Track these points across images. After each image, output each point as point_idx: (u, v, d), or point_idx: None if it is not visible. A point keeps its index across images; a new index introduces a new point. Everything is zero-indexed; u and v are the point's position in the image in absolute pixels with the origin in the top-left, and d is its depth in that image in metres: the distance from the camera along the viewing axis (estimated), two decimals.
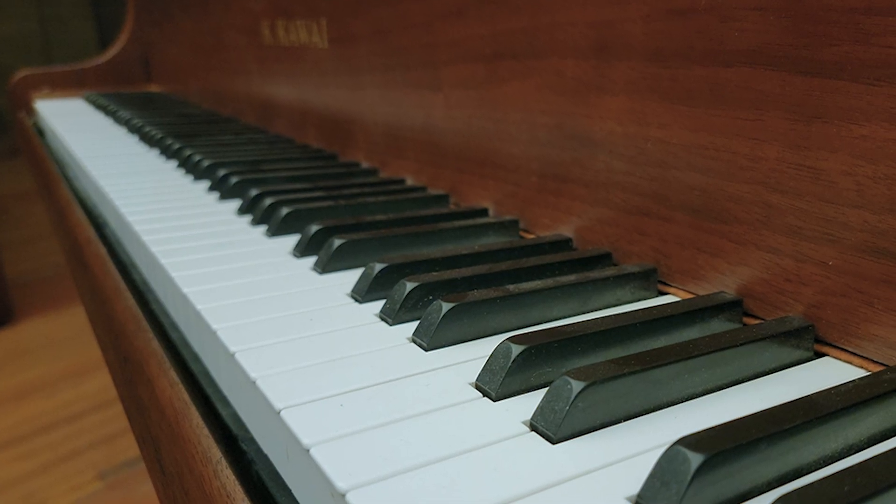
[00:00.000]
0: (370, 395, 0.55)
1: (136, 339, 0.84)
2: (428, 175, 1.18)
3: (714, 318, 0.67)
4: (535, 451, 0.48)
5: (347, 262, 0.84)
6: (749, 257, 0.68)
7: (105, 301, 1.01)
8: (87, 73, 3.09)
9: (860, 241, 0.59)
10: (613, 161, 0.81)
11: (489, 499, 0.43)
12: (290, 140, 1.71)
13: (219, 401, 0.70)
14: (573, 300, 0.72)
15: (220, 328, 0.68)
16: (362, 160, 1.41)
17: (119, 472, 2.43)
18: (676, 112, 0.73)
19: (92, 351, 3.07)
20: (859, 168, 0.58)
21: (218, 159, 1.41)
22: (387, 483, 0.45)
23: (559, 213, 0.90)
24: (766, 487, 0.44)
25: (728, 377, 0.57)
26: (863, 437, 0.49)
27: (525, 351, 0.56)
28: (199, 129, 1.88)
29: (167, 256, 0.89)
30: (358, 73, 1.36)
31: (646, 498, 0.42)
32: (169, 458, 0.69)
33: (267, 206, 1.05)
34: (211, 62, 2.27)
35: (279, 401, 0.55)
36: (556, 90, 0.88)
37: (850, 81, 0.58)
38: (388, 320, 0.69)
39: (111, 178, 1.38)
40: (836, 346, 0.62)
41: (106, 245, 1.20)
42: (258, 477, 0.59)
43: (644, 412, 0.53)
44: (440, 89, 1.10)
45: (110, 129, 2.08)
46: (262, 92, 1.88)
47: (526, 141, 0.94)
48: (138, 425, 0.84)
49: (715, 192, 0.70)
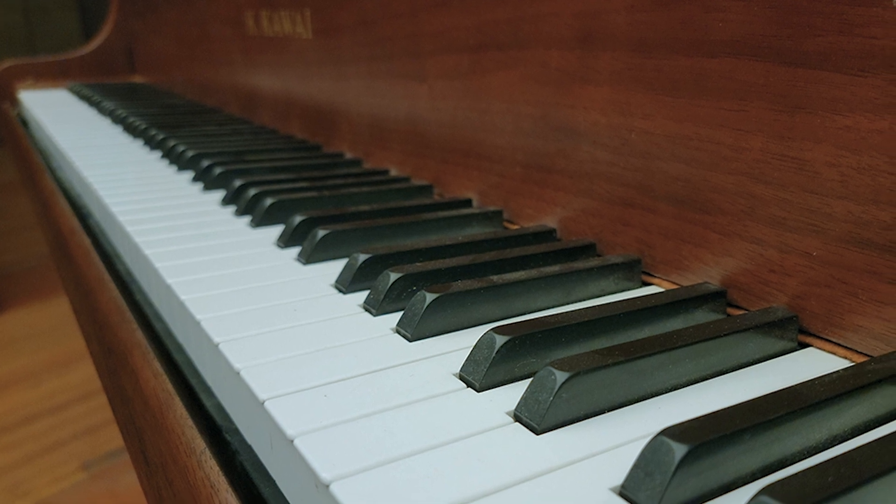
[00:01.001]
0: (354, 386, 0.55)
1: (120, 329, 0.84)
2: (412, 166, 1.18)
3: (698, 309, 0.67)
4: (518, 441, 0.48)
5: (331, 252, 0.84)
6: (733, 248, 0.68)
7: (89, 292, 1.01)
8: (71, 63, 3.08)
9: (844, 231, 0.59)
10: (597, 152, 0.81)
11: (473, 489, 0.43)
12: (275, 131, 1.70)
13: (203, 391, 0.70)
14: (557, 291, 0.71)
15: (203, 319, 0.68)
16: (346, 151, 1.41)
17: (103, 462, 2.42)
18: (660, 102, 0.73)
19: (76, 342, 3.07)
20: (843, 159, 0.58)
21: (202, 150, 1.41)
22: (371, 473, 0.44)
23: (543, 203, 0.90)
24: (751, 478, 0.44)
25: (712, 368, 0.57)
26: (847, 427, 0.49)
27: (509, 341, 0.56)
28: (183, 120, 1.87)
29: (151, 247, 0.89)
30: (342, 63, 1.35)
31: (630, 488, 0.42)
32: (153, 448, 0.69)
33: (251, 196, 1.04)
34: (195, 53, 2.27)
35: (263, 391, 0.54)
36: (540, 81, 0.87)
37: (834, 72, 0.58)
38: (371, 311, 0.69)
39: (95, 168, 1.38)
40: (820, 337, 0.62)
41: (90, 236, 1.20)
42: (242, 467, 0.59)
43: (628, 403, 0.53)
44: (425, 80, 1.10)
45: (94, 119, 2.08)
46: (247, 82, 1.88)
47: (510, 132, 0.94)
48: (122, 416, 0.83)
49: (699, 182, 0.70)
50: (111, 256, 1.10)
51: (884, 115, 0.55)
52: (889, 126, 0.55)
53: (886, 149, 0.55)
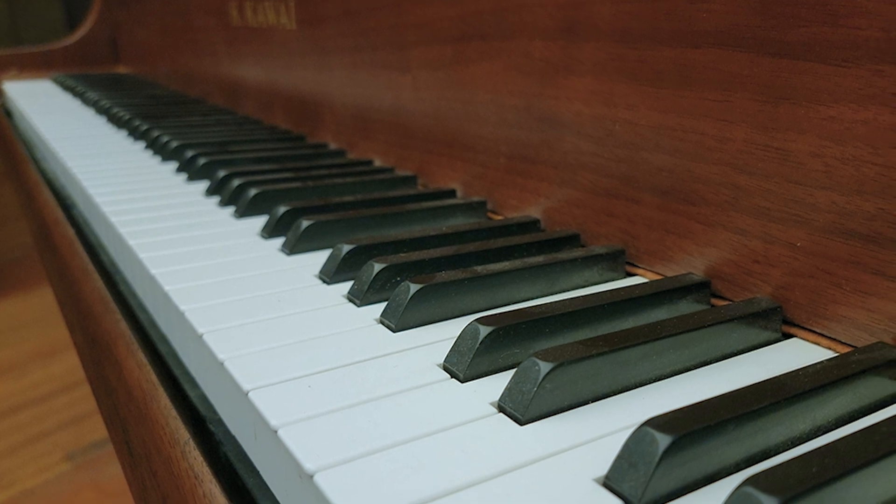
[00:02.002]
0: (338, 377, 0.55)
1: (104, 320, 0.84)
2: (396, 156, 1.18)
3: (682, 300, 0.67)
4: (502, 432, 0.48)
5: (315, 243, 0.84)
6: (717, 239, 0.68)
7: (73, 282, 1.00)
8: (55, 54, 3.07)
9: (828, 222, 0.59)
10: (581, 142, 0.81)
11: (457, 480, 0.43)
12: (259, 121, 1.70)
13: (187, 382, 0.70)
14: (541, 281, 0.71)
15: (187, 309, 0.68)
16: (330, 141, 1.40)
17: (87, 453, 2.42)
18: (644, 93, 0.73)
19: (60, 332, 3.06)
20: (827, 149, 0.58)
21: (186, 140, 1.41)
22: (355, 464, 0.44)
23: (527, 194, 0.90)
24: (734, 469, 0.44)
25: (696, 358, 0.57)
26: (830, 418, 0.49)
27: (493, 332, 0.56)
28: (167, 111, 1.87)
29: (135, 238, 0.88)
30: (326, 54, 1.35)
31: (613, 479, 0.42)
32: (137, 439, 0.69)
33: (235, 187, 1.04)
34: (179, 43, 2.26)
35: (247, 382, 0.54)
36: (523, 71, 0.87)
37: (819, 63, 0.58)
38: (355, 301, 0.69)
39: (79, 159, 1.37)
40: (803, 328, 0.62)
41: (74, 226, 1.20)
42: (226, 458, 0.59)
43: (612, 393, 0.53)
44: (408, 70, 1.10)
45: (78, 110, 2.07)
46: (231, 73, 1.87)
47: (494, 122, 0.93)
48: (106, 407, 0.83)
49: (683, 173, 0.70)
50: (95, 247, 1.10)
51: (868, 106, 0.55)
52: (873, 116, 0.55)
53: (870, 139, 0.55)
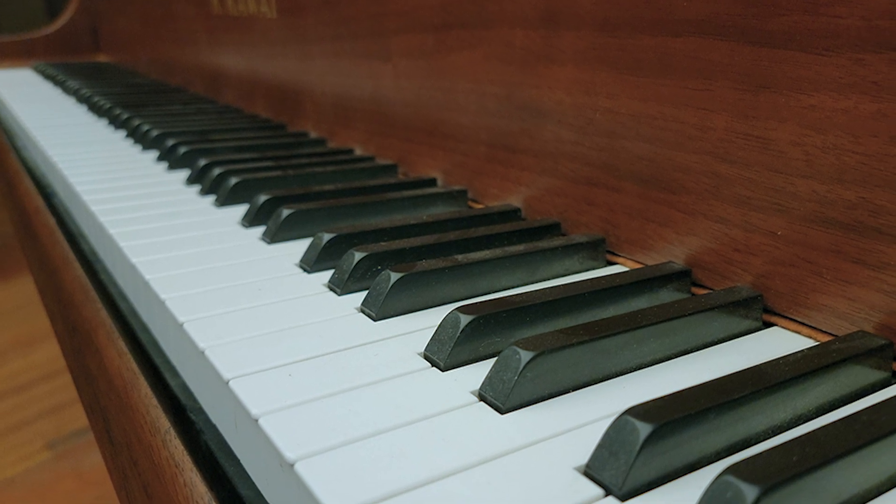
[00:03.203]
0: (319, 366, 0.55)
1: (85, 309, 0.84)
2: (376, 145, 1.17)
3: (663, 288, 0.67)
4: (483, 420, 0.48)
5: (296, 231, 0.84)
6: (698, 227, 0.68)
7: (54, 271, 1.00)
8: (36, 43, 3.06)
9: (809, 211, 0.59)
10: (562, 131, 0.81)
11: (437, 468, 0.43)
12: (239, 110, 1.70)
13: (167, 371, 0.70)
14: (522, 270, 0.71)
15: (168, 298, 0.68)
16: (311, 130, 1.40)
17: (67, 441, 2.41)
18: (625, 82, 0.73)
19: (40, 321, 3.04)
20: (808, 138, 0.58)
21: (166, 129, 1.41)
22: (335, 453, 0.44)
23: (508, 183, 0.90)
24: (715, 457, 0.44)
25: (677, 347, 0.57)
26: (811, 406, 0.49)
27: (473, 321, 0.56)
28: (148, 99, 1.86)
29: (116, 226, 0.88)
30: (307, 43, 1.35)
31: (594, 468, 0.42)
32: (117, 427, 0.69)
33: (215, 175, 1.04)
34: (160, 32, 2.25)
35: (228, 371, 0.54)
36: (504, 60, 0.87)
37: (799, 51, 0.58)
38: (336, 290, 0.69)
39: (60, 147, 1.37)
40: (784, 316, 0.62)
41: (55, 215, 1.20)
42: (206, 447, 0.58)
43: (592, 382, 0.53)
44: (389, 59, 1.09)
45: (59, 99, 2.07)
46: (211, 62, 1.87)
47: (475, 111, 0.93)
48: (87, 395, 0.83)
49: (663, 162, 0.70)
50: (76, 236, 1.09)
51: (848, 95, 0.55)
52: (854, 105, 0.55)
53: (851, 128, 0.55)
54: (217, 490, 0.54)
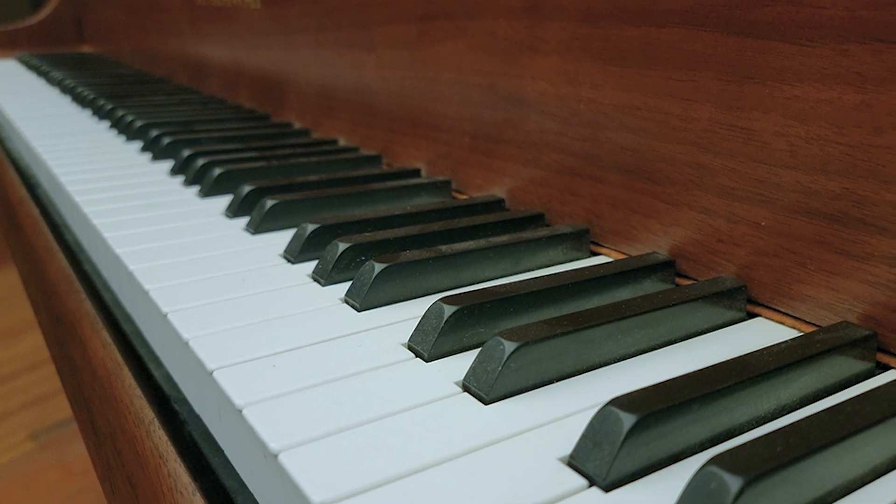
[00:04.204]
0: (302, 356, 0.55)
1: (69, 299, 0.84)
2: (360, 136, 1.17)
3: (646, 279, 0.67)
4: (467, 411, 0.48)
5: (280, 222, 0.84)
6: (681, 218, 0.68)
7: (37, 262, 1.00)
8: (20, 33, 3.05)
9: (793, 201, 0.59)
10: (546, 121, 0.81)
11: (421, 459, 0.43)
12: (223, 101, 1.70)
13: (151, 361, 0.70)
14: (505, 261, 0.71)
15: (152, 289, 0.68)
16: (295, 121, 1.40)
17: (51, 432, 2.41)
18: (609, 72, 0.73)
19: (24, 312, 3.03)
20: (791, 128, 0.58)
21: (150, 120, 1.40)
22: (319, 443, 0.44)
23: (492, 173, 0.90)
24: (699, 448, 0.44)
25: (661, 338, 0.57)
26: (795, 397, 0.49)
27: (457, 311, 0.56)
28: (132, 90, 1.86)
29: (100, 217, 0.88)
30: (290, 33, 1.34)
31: (578, 458, 0.42)
32: (101, 418, 0.69)
33: (199, 166, 1.04)
34: (144, 23, 2.25)
35: (211, 361, 0.54)
36: (488, 50, 0.87)
37: (783, 42, 0.58)
38: (320, 281, 0.69)
39: (44, 138, 1.37)
40: (768, 307, 0.62)
41: (38, 206, 1.19)
42: (191, 437, 0.58)
43: (576, 373, 0.53)
44: (373, 49, 1.09)
45: (43, 89, 2.07)
46: (195, 52, 1.86)
47: (458, 101, 0.93)
48: (71, 386, 0.83)
49: (647, 152, 0.70)
50: (60, 226, 1.09)
51: (832, 85, 0.55)
52: (837, 96, 0.55)
53: (834, 118, 0.55)
54: (201, 481, 0.54)
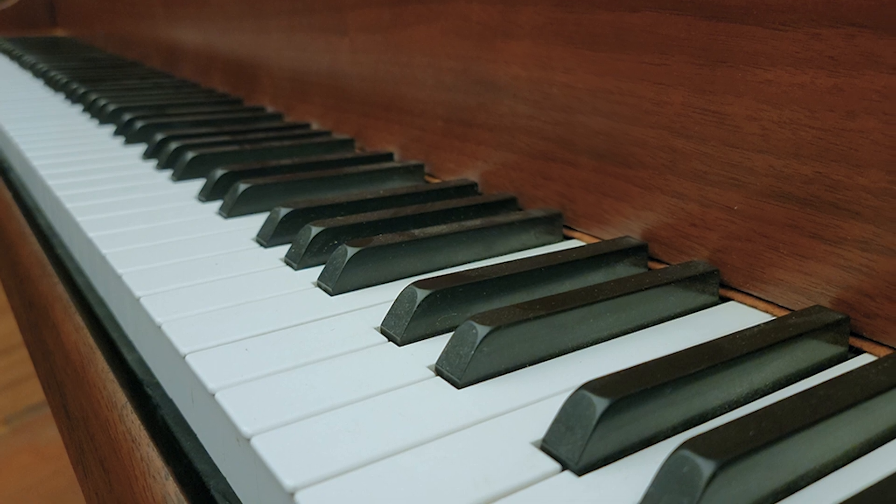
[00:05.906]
0: (275, 340, 0.55)
1: (41, 283, 0.83)
2: (333, 120, 1.17)
3: (619, 263, 0.67)
4: (440, 395, 0.48)
5: (252, 206, 0.83)
6: (654, 202, 0.68)
7: (10, 246, 1.00)
8: None
9: (765, 185, 0.59)
10: (518, 105, 0.81)
11: (394, 443, 0.43)
12: (196, 85, 1.69)
13: (124, 346, 0.69)
14: (478, 245, 0.71)
15: (125, 273, 0.67)
16: (268, 105, 1.40)
17: (24, 416, 2.40)
18: (581, 57, 0.73)
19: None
20: (764, 113, 0.58)
21: (123, 104, 1.40)
22: (292, 427, 0.44)
23: (464, 157, 0.89)
24: (672, 432, 0.44)
25: (633, 322, 0.57)
26: (768, 381, 0.49)
27: (430, 295, 0.56)
28: (105, 74, 1.85)
29: (72, 201, 0.88)
30: (263, 17, 1.34)
31: (551, 442, 0.42)
32: (74, 402, 0.68)
33: (172, 150, 1.03)
34: (116, 6, 2.23)
35: (184, 345, 0.54)
36: (461, 34, 0.87)
37: (756, 26, 0.58)
38: (293, 265, 0.69)
39: (16, 122, 1.36)
40: (741, 291, 0.62)
41: (11, 189, 1.19)
42: (163, 422, 0.58)
43: (549, 357, 0.53)
44: (346, 33, 1.09)
45: (15, 73, 2.06)
46: (168, 36, 1.85)
47: (431, 85, 0.93)
48: (43, 370, 0.83)
49: (620, 136, 0.70)
50: (32, 210, 1.09)
51: (805, 69, 0.55)
52: (810, 80, 0.55)
53: (807, 102, 0.55)
54: (173, 465, 0.53)
